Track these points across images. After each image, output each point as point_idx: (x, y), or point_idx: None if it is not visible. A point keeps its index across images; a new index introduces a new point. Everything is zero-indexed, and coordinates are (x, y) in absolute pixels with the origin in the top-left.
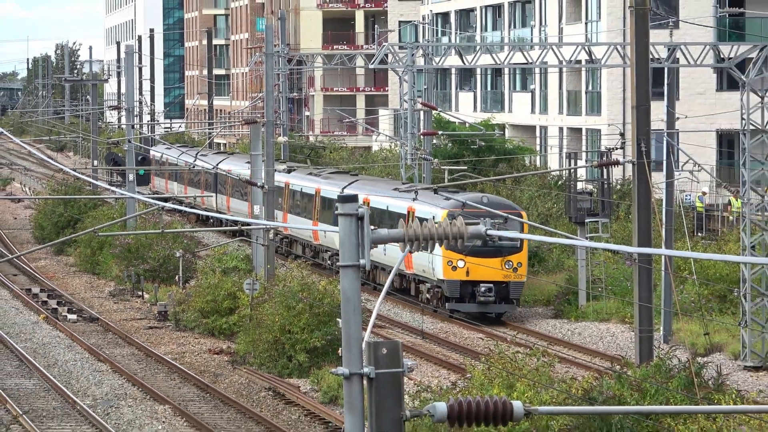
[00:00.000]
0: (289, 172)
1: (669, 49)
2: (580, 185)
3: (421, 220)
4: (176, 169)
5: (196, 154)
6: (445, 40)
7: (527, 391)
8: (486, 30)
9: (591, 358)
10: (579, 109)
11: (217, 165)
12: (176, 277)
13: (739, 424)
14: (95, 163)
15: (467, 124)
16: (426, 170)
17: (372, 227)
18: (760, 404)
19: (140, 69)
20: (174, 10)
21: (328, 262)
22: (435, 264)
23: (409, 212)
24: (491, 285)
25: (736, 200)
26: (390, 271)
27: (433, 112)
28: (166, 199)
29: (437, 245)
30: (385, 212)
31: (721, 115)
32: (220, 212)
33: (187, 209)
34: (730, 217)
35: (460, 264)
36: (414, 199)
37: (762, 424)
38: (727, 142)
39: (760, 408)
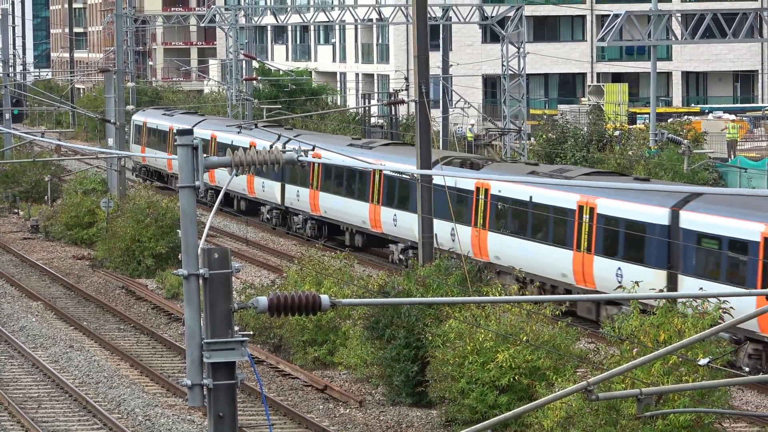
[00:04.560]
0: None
1: (443, 9)
2: (373, 120)
3: None
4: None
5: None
6: (262, 3)
7: (333, 287)
8: None
9: None
10: (372, 58)
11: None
12: (45, 197)
13: (503, 311)
14: None
15: (281, 71)
16: (248, 109)
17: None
18: (519, 295)
19: (14, 28)
20: None
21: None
22: None
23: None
24: None
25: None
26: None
27: (256, 62)
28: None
29: None
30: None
31: (485, 63)
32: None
33: (54, 141)
34: (494, 143)
35: None
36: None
37: (521, 311)
38: (490, 84)
39: (518, 298)
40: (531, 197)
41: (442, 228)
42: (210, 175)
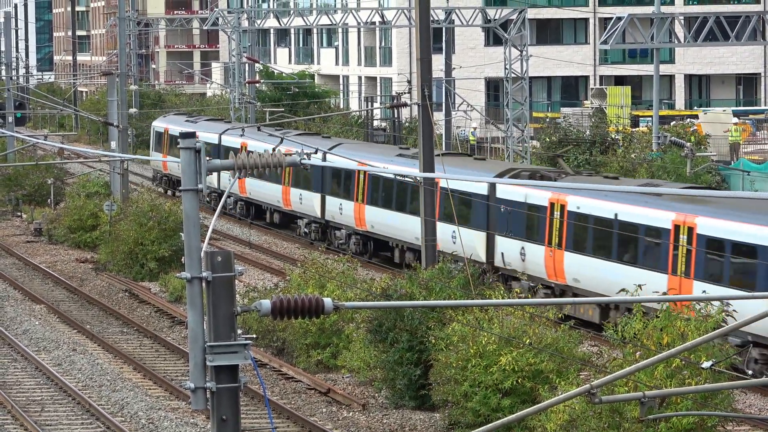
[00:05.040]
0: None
1: (446, 12)
2: (376, 123)
3: None
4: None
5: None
6: (265, 6)
7: (336, 290)
8: None
9: None
10: (374, 61)
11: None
12: (48, 200)
13: (506, 314)
14: None
15: (284, 74)
16: (251, 112)
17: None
18: (522, 298)
19: (17, 31)
20: None
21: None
22: None
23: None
24: None
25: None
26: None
27: (259, 65)
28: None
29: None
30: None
31: (488, 66)
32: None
33: (57, 145)
34: (496, 147)
35: None
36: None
37: (524, 314)
38: (493, 87)
39: (521, 301)
40: (616, 214)
41: (509, 247)
42: (240, 187)
